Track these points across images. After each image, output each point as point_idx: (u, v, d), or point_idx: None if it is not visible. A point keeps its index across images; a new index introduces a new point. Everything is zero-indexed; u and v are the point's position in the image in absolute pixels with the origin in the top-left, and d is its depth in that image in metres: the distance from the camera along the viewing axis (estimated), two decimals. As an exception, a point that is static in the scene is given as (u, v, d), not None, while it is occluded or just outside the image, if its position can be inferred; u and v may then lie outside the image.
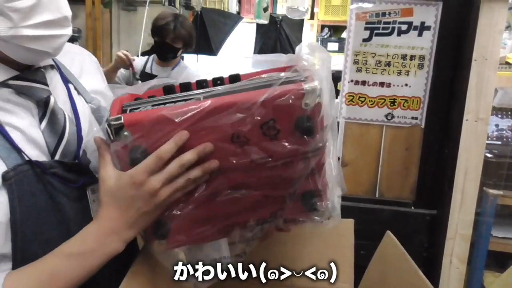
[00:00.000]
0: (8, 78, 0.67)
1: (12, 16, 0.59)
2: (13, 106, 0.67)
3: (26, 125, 0.67)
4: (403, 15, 1.47)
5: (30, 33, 0.61)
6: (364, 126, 1.58)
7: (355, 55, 1.53)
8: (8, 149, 0.63)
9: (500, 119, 2.51)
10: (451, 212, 1.48)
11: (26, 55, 0.65)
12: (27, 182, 0.64)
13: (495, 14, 1.32)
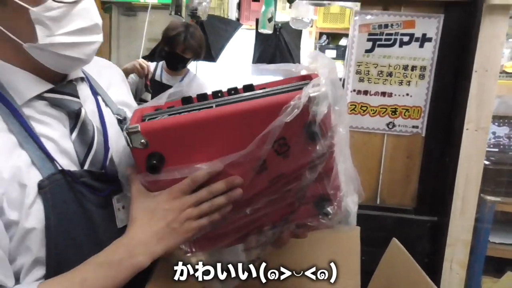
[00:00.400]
0: (43, 91, 0.70)
1: (49, 25, 0.63)
2: (48, 117, 0.70)
3: (58, 136, 0.70)
4: (405, 27, 1.51)
5: (65, 40, 0.64)
6: (366, 135, 1.61)
7: (357, 65, 1.57)
8: (43, 159, 0.66)
9: (497, 127, 2.54)
10: (452, 219, 1.51)
11: (61, 63, 0.68)
12: (60, 191, 0.66)
13: (496, 26, 1.36)
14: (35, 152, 0.65)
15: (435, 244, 1.58)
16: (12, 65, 0.68)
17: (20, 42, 0.64)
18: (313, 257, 1.01)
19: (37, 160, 0.65)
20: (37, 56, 0.66)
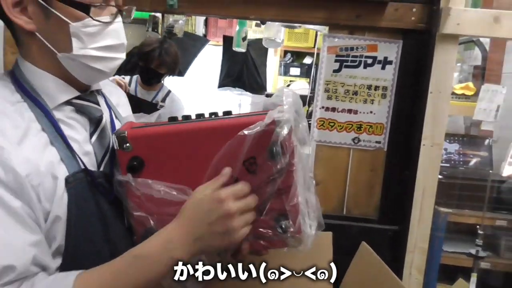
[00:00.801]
0: (72, 98, 0.78)
1: (84, 39, 0.72)
2: (73, 121, 0.78)
3: (81, 138, 0.78)
4: (369, 50, 1.65)
5: (94, 53, 0.74)
6: (333, 149, 1.72)
7: (326, 84, 1.68)
8: (70, 157, 0.73)
9: (448, 143, 2.75)
10: (411, 228, 1.63)
11: (87, 74, 0.76)
12: (81, 188, 0.73)
13: (448, 53, 1.52)
14: (63, 151, 0.73)
15: (396, 251, 1.69)
16: (46, 72, 0.76)
17: (55, 51, 0.73)
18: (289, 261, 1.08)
19: (64, 157, 0.72)
20: (68, 66, 0.74)
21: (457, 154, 2.76)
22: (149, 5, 1.65)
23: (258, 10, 1.63)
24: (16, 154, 0.67)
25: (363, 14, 1.60)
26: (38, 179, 0.68)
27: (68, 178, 0.71)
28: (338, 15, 1.61)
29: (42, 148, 0.71)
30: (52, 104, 0.76)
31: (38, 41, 0.74)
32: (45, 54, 0.75)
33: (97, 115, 0.81)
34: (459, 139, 2.79)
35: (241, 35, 2.68)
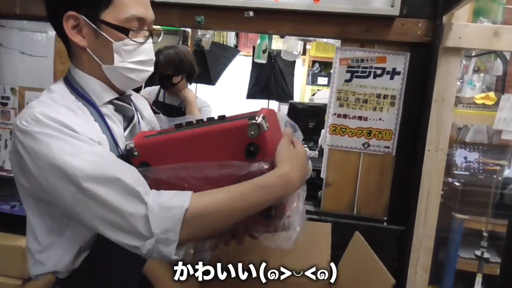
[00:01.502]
0: (113, 98, 0.98)
1: (123, 54, 0.92)
2: (114, 117, 0.97)
3: (119, 131, 0.97)
4: (378, 62, 1.78)
5: (130, 66, 0.94)
6: (344, 153, 1.85)
7: (338, 93, 1.82)
8: (112, 144, 0.92)
9: (468, 152, 2.79)
10: (416, 228, 1.73)
11: (124, 81, 0.97)
12: None
13: (451, 64, 1.63)
14: (110, 139, 0.92)
15: (402, 250, 1.79)
16: (94, 77, 0.96)
17: (100, 63, 0.93)
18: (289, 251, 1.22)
19: (110, 144, 0.91)
20: (109, 74, 0.95)
21: (477, 162, 2.79)
22: (178, 22, 1.86)
23: (276, 25, 1.80)
24: (89, 129, 0.87)
25: (372, 28, 1.74)
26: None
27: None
28: (349, 29, 1.76)
29: (100, 133, 0.90)
30: (99, 102, 0.95)
31: (88, 55, 0.94)
32: (93, 64, 0.94)
33: (130, 114, 1.01)
34: (479, 148, 2.82)
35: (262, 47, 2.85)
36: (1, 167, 2.06)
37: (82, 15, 0.90)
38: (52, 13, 0.93)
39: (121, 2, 0.90)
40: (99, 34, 0.91)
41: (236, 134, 0.86)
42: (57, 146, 0.81)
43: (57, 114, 0.84)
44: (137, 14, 0.91)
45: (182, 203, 0.80)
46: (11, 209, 1.66)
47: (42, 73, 1.99)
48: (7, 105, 2.03)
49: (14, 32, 1.99)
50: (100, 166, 0.81)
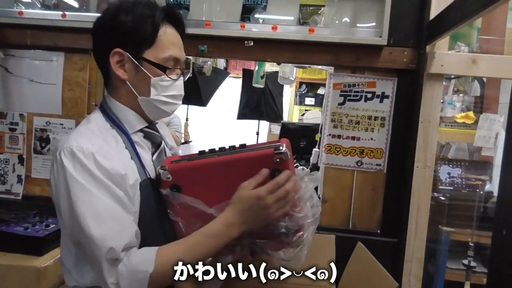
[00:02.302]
0: (144, 127, 1.10)
1: (159, 89, 1.05)
2: (143, 144, 1.09)
3: (147, 157, 1.08)
4: (368, 86, 1.93)
5: (163, 99, 1.06)
6: (339, 171, 1.98)
7: (332, 115, 1.97)
8: (141, 168, 1.03)
9: (451, 168, 2.96)
10: (408, 240, 1.86)
11: (156, 112, 1.09)
12: (148, 191, 1.02)
13: (435, 89, 1.79)
14: (138, 164, 1.03)
15: (396, 262, 1.91)
16: (128, 108, 1.08)
17: (137, 95, 1.05)
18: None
19: (138, 168, 1.02)
20: (143, 106, 1.07)
21: (460, 178, 2.95)
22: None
23: (274, 54, 1.95)
24: (118, 160, 0.98)
25: (362, 56, 1.90)
26: (131, 180, 0.98)
27: (141, 183, 1.01)
28: (341, 57, 1.92)
29: (128, 160, 1.01)
30: (131, 130, 1.07)
31: (127, 87, 1.06)
32: (130, 96, 1.07)
33: (158, 141, 1.13)
34: (461, 164, 2.99)
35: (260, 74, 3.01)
36: (9, 191, 2.12)
37: (127, 52, 1.03)
38: (99, 48, 1.06)
39: (161, 43, 1.03)
40: (140, 69, 1.03)
41: (263, 161, 0.98)
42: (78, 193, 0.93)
43: (92, 146, 0.96)
44: (173, 55, 1.05)
45: (148, 267, 0.91)
46: (24, 230, 1.72)
47: (51, 99, 2.08)
48: (15, 131, 2.11)
49: (24, 61, 2.09)
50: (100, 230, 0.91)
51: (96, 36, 1.08)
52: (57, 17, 1.97)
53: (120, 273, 0.91)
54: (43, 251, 1.70)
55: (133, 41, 1.02)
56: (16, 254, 1.69)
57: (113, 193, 0.94)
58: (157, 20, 1.03)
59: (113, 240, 0.91)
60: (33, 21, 1.99)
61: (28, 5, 2.03)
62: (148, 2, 1.06)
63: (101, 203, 0.93)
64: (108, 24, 1.05)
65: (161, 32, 1.04)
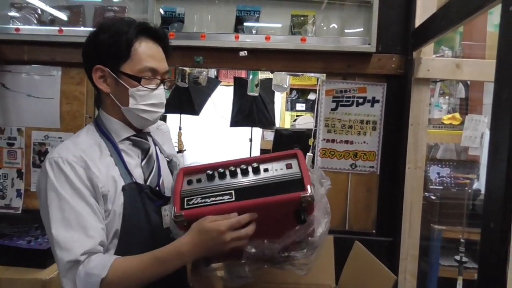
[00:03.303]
0: (130, 135, 1.17)
1: (137, 98, 1.12)
2: (130, 151, 1.17)
3: (135, 163, 1.16)
4: (359, 92, 2.01)
5: (143, 108, 1.13)
6: (334, 173, 2.05)
7: (326, 120, 2.04)
8: (126, 174, 1.11)
9: (441, 168, 3.04)
10: (402, 238, 1.93)
11: (138, 121, 1.16)
12: (133, 194, 1.10)
13: (422, 93, 1.87)
14: (122, 170, 1.11)
15: (391, 260, 1.97)
16: (115, 118, 1.16)
17: (120, 106, 1.13)
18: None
19: (123, 174, 1.11)
20: (127, 115, 1.15)
21: (449, 177, 3.04)
22: (179, 62, 2.05)
23: (268, 63, 2.01)
24: (97, 169, 1.06)
25: (353, 64, 1.97)
26: (106, 188, 1.06)
27: (124, 187, 1.09)
28: (333, 65, 1.99)
29: (110, 167, 1.09)
30: (117, 139, 1.15)
31: (111, 99, 1.14)
32: (115, 107, 1.15)
33: (146, 147, 1.20)
34: (449, 164, 3.08)
35: (254, 82, 3.08)
36: (8, 205, 2.14)
37: (107, 67, 1.11)
38: (85, 66, 1.15)
39: (137, 56, 1.11)
40: (119, 82, 1.12)
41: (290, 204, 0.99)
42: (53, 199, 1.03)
43: (72, 157, 1.05)
44: (149, 66, 1.12)
45: (101, 273, 0.98)
46: (27, 244, 1.74)
47: (49, 113, 2.11)
48: (13, 145, 2.14)
49: (21, 76, 2.12)
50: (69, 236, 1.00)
51: (83, 55, 1.16)
52: (54, 32, 2.01)
53: (78, 274, 0.99)
54: (47, 263, 1.73)
55: (111, 57, 1.11)
56: (20, 268, 1.72)
57: (85, 200, 1.03)
58: (130, 35, 1.10)
59: (75, 245, 1.00)
60: (30, 37, 2.03)
61: (24, 21, 2.07)
62: (126, 20, 1.15)
63: (72, 210, 1.02)
64: (90, 43, 1.14)
65: (136, 46, 1.11)
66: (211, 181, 1.07)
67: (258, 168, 1.07)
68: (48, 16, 2.11)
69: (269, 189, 1.02)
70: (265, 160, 1.10)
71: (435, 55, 2.58)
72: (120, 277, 1.00)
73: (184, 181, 1.09)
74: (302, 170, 1.04)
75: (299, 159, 1.08)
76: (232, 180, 1.06)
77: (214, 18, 2.06)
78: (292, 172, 1.05)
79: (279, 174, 1.05)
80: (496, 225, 0.98)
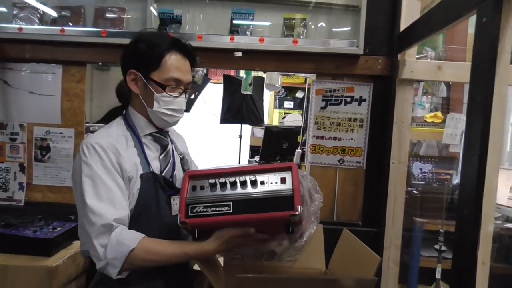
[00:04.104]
0: (152, 132, 1.33)
1: (161, 103, 1.28)
2: (151, 145, 1.33)
3: (153, 155, 1.32)
4: (347, 91, 2.14)
5: (165, 111, 1.29)
6: (324, 168, 2.17)
7: (315, 118, 2.16)
8: (145, 164, 1.27)
9: (423, 164, 3.20)
10: (386, 229, 2.06)
11: (160, 122, 1.31)
12: (148, 182, 1.26)
13: (406, 93, 2.00)
14: (143, 160, 1.27)
15: (376, 249, 2.08)
16: (141, 115, 1.33)
17: (147, 107, 1.29)
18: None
19: (143, 163, 1.27)
20: (151, 115, 1.31)
21: (431, 173, 3.20)
22: (177, 62, 2.13)
23: (261, 63, 2.12)
24: (125, 156, 1.24)
25: (341, 65, 2.10)
26: (131, 174, 1.24)
27: (142, 174, 1.26)
28: (322, 65, 2.11)
29: (134, 156, 1.27)
30: (141, 133, 1.33)
31: (139, 100, 1.32)
32: (142, 106, 1.32)
33: (165, 143, 1.38)
34: (431, 160, 3.24)
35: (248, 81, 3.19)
36: (11, 198, 2.21)
37: (139, 73, 1.28)
38: (122, 69, 1.32)
39: (165, 67, 1.27)
40: (147, 86, 1.28)
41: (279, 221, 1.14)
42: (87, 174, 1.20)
43: (106, 143, 1.23)
44: (174, 76, 1.27)
45: (131, 244, 1.15)
46: (33, 233, 1.82)
47: (50, 110, 2.18)
48: (16, 140, 2.21)
49: (22, 74, 2.19)
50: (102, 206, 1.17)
51: (122, 58, 1.34)
52: (56, 32, 2.08)
53: (110, 241, 1.15)
54: (52, 252, 1.82)
55: (144, 64, 1.28)
56: (27, 256, 1.80)
57: (115, 180, 1.21)
58: (163, 48, 1.27)
59: (107, 212, 1.17)
60: (32, 36, 2.10)
61: (27, 21, 2.14)
62: (162, 34, 1.36)
63: (104, 186, 1.18)
64: (129, 49, 1.32)
65: (167, 58, 1.27)
66: (213, 189, 1.19)
67: (255, 181, 1.19)
68: (50, 16, 2.18)
69: (263, 204, 1.15)
70: (262, 171, 1.21)
71: (419, 55, 2.72)
72: (146, 253, 1.17)
73: (189, 186, 1.20)
74: (294, 187, 1.15)
75: (293, 173, 1.18)
76: (231, 191, 1.18)
77: (210, 20, 2.16)
78: (285, 189, 1.16)
79: (273, 190, 1.17)
80: (469, 212, 1.11)
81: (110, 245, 1.15)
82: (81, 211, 1.21)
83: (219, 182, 1.19)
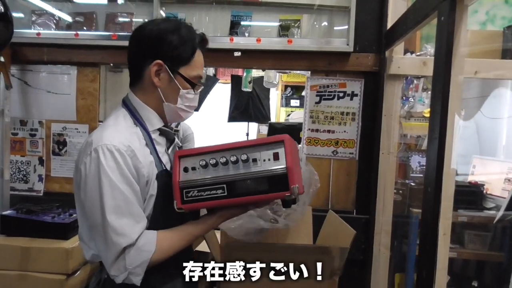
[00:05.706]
0: (161, 126, 1.30)
1: (184, 99, 1.24)
2: (159, 140, 1.30)
3: (162, 150, 1.30)
4: (340, 87, 2.28)
5: (184, 108, 1.26)
6: (318, 159, 2.32)
7: (310, 113, 2.31)
8: (158, 162, 1.23)
9: (421, 158, 3.31)
10: (377, 215, 2.19)
11: (173, 117, 1.30)
12: (163, 180, 1.20)
13: (394, 87, 2.14)
14: (156, 158, 1.24)
15: (368, 234, 2.24)
16: (151, 108, 1.28)
17: (164, 101, 1.25)
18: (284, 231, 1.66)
19: (156, 162, 1.23)
20: (166, 110, 1.27)
21: (429, 166, 3.30)
22: (181, 62, 2.31)
23: (259, 62, 2.28)
24: (140, 157, 1.15)
25: (334, 62, 2.24)
26: (149, 175, 1.17)
27: (157, 174, 1.19)
28: (316, 63, 2.26)
29: (148, 156, 1.19)
30: (151, 128, 1.23)
31: (157, 92, 1.22)
32: (157, 100, 1.24)
33: (172, 137, 1.32)
34: (429, 154, 3.33)
35: (247, 79, 3.36)
36: (31, 188, 2.42)
37: (166, 65, 1.20)
38: (141, 54, 1.23)
39: (194, 64, 1.25)
40: (173, 81, 1.21)
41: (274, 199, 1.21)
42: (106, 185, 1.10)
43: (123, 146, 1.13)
44: (200, 74, 1.27)
45: (151, 249, 1.13)
46: (52, 219, 2.02)
47: (66, 108, 2.38)
48: (35, 136, 2.41)
49: (41, 75, 2.39)
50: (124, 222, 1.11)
51: (140, 43, 1.23)
52: (71, 36, 2.28)
53: (127, 253, 1.11)
54: (69, 235, 2.01)
55: (174, 57, 1.20)
56: (46, 239, 1.99)
57: (132, 187, 1.14)
58: (196, 44, 1.23)
59: (129, 230, 1.12)
60: (49, 40, 2.30)
61: (44, 26, 2.34)
62: (189, 27, 1.26)
63: (123, 198, 1.12)
64: (156, 38, 1.20)
65: (197, 54, 1.24)
66: (205, 169, 1.16)
67: (247, 159, 1.13)
68: (65, 21, 2.38)
69: (257, 184, 1.11)
70: (253, 145, 1.15)
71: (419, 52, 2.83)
72: (166, 249, 1.17)
73: (181, 167, 1.17)
74: (288, 165, 1.09)
75: (286, 148, 1.11)
76: (224, 172, 1.14)
77: (211, 22, 2.33)
78: (278, 167, 1.11)
79: (267, 169, 1.11)
80: (431, 189, 1.25)
81: (128, 258, 1.11)
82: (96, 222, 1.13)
83: (210, 162, 1.14)
